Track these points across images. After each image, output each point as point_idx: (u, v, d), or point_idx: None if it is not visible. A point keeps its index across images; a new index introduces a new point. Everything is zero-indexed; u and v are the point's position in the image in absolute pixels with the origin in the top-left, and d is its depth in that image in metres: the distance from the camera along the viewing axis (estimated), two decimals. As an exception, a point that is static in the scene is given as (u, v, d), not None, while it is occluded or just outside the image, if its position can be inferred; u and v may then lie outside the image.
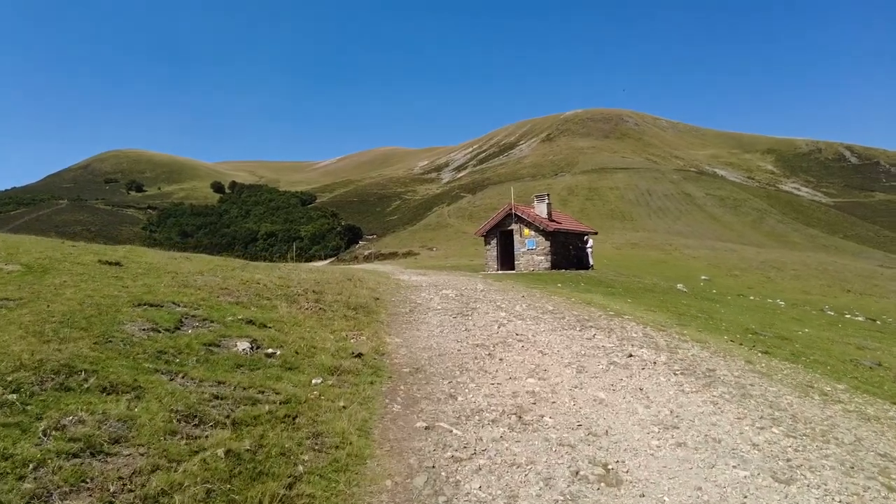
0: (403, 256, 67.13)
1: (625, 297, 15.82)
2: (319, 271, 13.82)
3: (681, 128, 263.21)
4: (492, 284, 14.80)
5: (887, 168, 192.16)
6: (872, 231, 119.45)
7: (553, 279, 19.81)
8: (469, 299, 10.64)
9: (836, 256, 72.89)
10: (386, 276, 17.26)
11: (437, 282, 15.71)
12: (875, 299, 35.01)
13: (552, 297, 12.03)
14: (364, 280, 13.54)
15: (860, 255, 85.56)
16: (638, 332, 8.24)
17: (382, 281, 14.35)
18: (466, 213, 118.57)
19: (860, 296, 36.27)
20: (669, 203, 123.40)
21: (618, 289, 18.76)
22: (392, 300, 10.27)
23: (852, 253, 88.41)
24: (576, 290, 15.03)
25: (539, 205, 26.40)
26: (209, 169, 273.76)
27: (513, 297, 11.25)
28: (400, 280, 15.41)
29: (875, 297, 36.44)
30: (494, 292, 12.52)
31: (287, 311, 7.44)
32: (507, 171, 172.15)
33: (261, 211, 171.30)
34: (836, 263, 55.52)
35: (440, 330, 7.83)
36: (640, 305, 13.75)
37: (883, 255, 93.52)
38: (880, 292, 38.77)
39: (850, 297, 34.80)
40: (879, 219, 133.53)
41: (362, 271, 20.17)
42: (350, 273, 15.68)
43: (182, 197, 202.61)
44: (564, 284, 17.30)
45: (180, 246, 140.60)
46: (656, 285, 22.56)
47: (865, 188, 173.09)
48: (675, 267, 43.17)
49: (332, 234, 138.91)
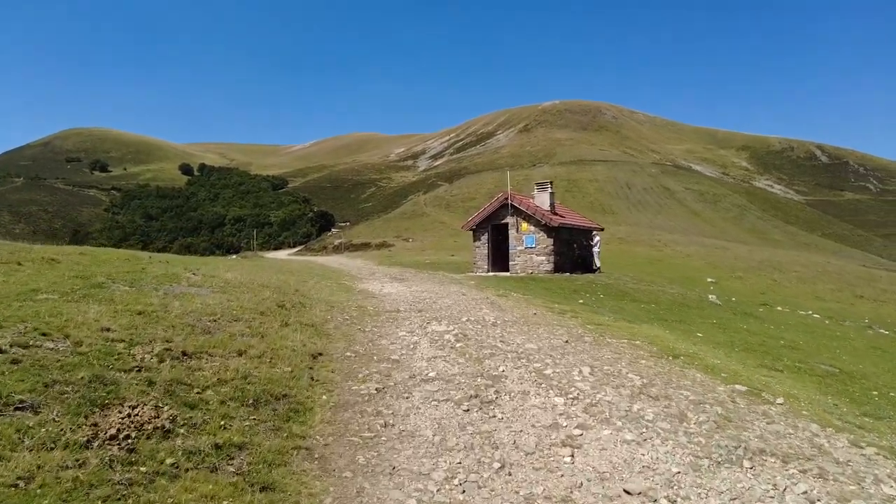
0: (377, 248, 62.20)
1: (676, 323, 11.63)
2: (245, 287, 9.14)
3: (657, 122, 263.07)
4: (500, 306, 10.34)
5: (856, 168, 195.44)
6: (847, 230, 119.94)
7: (568, 289, 15.53)
8: (481, 349, 6.21)
9: (822, 255, 71.18)
10: (348, 287, 12.63)
11: (422, 298, 11.20)
12: (893, 307, 32.05)
13: (607, 338, 7.68)
14: (310, 301, 8.96)
15: (841, 254, 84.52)
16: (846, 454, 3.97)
17: (340, 301, 9.74)
18: (443, 202, 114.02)
19: (875, 302, 33.31)
20: (649, 197, 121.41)
21: (651, 305, 14.62)
22: (347, 355, 5.80)
23: (832, 251, 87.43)
24: (618, 317, 10.73)
25: (540, 194, 22.07)
26: (178, 150, 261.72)
27: (551, 342, 6.85)
28: (367, 298, 10.82)
29: (891, 303, 33.54)
30: (514, 326, 8.08)
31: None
32: (484, 160, 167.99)
33: (230, 195, 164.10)
34: (831, 264, 53.13)
35: (445, 469, 3.57)
36: (710, 341, 9.55)
37: (862, 254, 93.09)
38: (892, 297, 35.98)
39: (869, 305, 31.75)
40: (848, 217, 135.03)
41: (319, 274, 15.46)
42: (293, 285, 11.02)
43: (149, 178, 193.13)
44: (594, 303, 13.01)
45: (144, 230, 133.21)
46: (685, 296, 18.54)
47: (835, 187, 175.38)
48: (673, 267, 39.65)
49: (302, 220, 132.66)
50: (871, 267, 64.05)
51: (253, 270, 13.74)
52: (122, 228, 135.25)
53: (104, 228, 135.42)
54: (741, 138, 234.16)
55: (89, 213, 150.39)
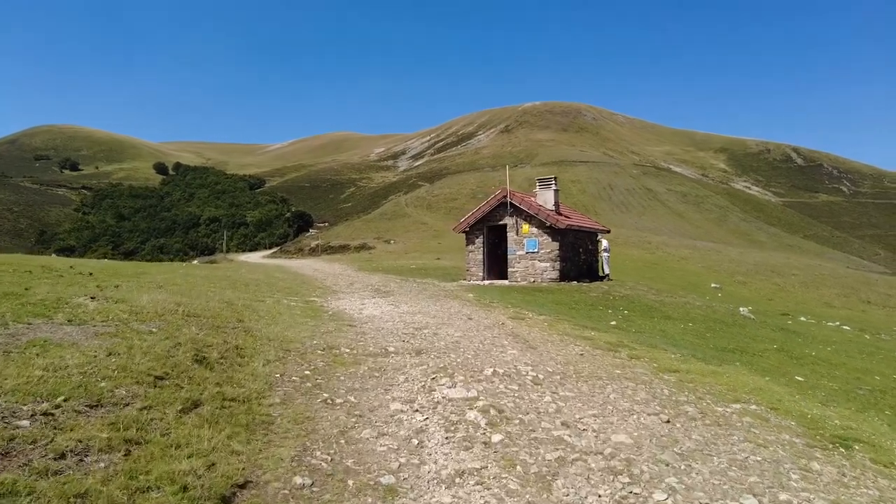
0: (356, 250, 58.86)
1: (739, 354, 8.99)
2: (160, 321, 6.10)
3: (637, 124, 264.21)
4: (526, 339, 7.51)
5: (830, 171, 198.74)
6: (826, 231, 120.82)
7: (585, 304, 12.85)
8: (536, 448, 3.20)
9: (809, 258, 70.33)
10: (318, 309, 9.65)
11: (416, 325, 8.31)
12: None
13: (713, 405, 4.86)
14: (254, 343, 6.00)
15: (826, 256, 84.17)
16: None
17: (302, 338, 6.73)
18: (425, 202, 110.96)
19: (886, 309, 31.54)
20: (632, 198, 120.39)
21: (689, 324, 12.05)
22: (297, 484, 2.92)
23: (816, 253, 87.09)
24: (682, 352, 8.01)
25: (543, 192, 19.35)
26: (153, 149, 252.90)
27: (640, 419, 4.02)
28: (341, 328, 7.86)
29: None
30: (566, 384, 5.23)
31: None
32: (465, 160, 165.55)
33: (205, 194, 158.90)
34: (824, 267, 51.81)
35: None
36: (833, 392, 6.89)
37: (843, 255, 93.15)
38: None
39: (882, 312, 29.91)
40: (823, 219, 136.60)
41: (285, 288, 12.41)
42: (241, 309, 8.03)
43: (121, 177, 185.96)
44: (627, 326, 10.33)
45: (115, 230, 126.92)
46: (714, 310, 16.03)
47: (810, 189, 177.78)
48: (672, 271, 37.46)
49: (279, 220, 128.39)
50: (861, 269, 63.28)
51: (195, 286, 10.69)
52: (92, 229, 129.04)
53: (73, 229, 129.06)
54: (719, 140, 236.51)
55: (58, 213, 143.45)
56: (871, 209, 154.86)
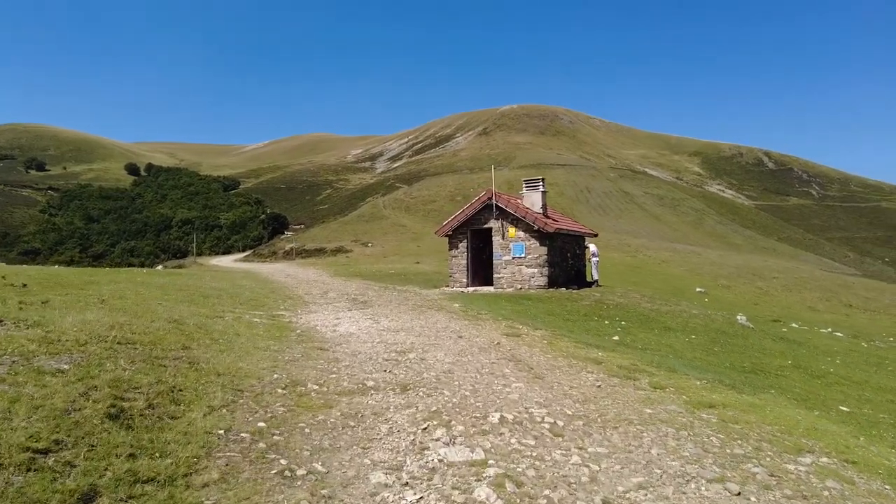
0: (332, 253, 57.17)
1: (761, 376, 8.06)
2: (82, 353, 4.77)
3: (612, 128, 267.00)
4: (529, 364, 6.39)
5: (800, 174, 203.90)
6: (799, 234, 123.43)
7: (579, 314, 11.88)
8: None
9: (785, 260, 71.28)
10: (285, 326, 8.38)
11: (400, 347, 7.12)
12: (887, 318, 30.23)
13: (781, 461, 3.87)
14: (198, 382, 4.69)
15: (800, 258, 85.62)
16: None
17: (259, 372, 5.45)
18: (403, 204, 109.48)
19: (868, 312, 31.49)
20: (609, 201, 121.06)
21: (692, 337, 11.13)
22: None
23: (791, 255, 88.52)
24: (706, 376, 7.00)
25: (530, 194, 18.36)
26: (124, 149, 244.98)
27: (701, 491, 3.09)
28: (310, 353, 6.61)
29: (881, 313, 31.83)
30: (593, 433, 4.11)
31: None
32: (444, 162, 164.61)
33: (178, 196, 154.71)
34: (801, 269, 52.26)
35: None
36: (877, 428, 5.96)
37: (816, 257, 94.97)
38: (879, 307, 34.42)
39: (865, 316, 29.79)
40: (795, 221, 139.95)
41: (250, 299, 11.07)
42: (191, 332, 6.74)
43: (91, 178, 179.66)
44: (630, 340, 9.33)
45: (83, 232, 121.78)
46: (712, 318, 15.23)
47: (781, 192, 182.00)
48: (655, 275, 36.96)
49: (254, 222, 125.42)
50: (835, 272, 64.25)
51: (145, 301, 9.31)
52: (59, 231, 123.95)
53: (38, 231, 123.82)
54: (693, 144, 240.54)
55: (22, 215, 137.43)
56: (838, 212, 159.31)
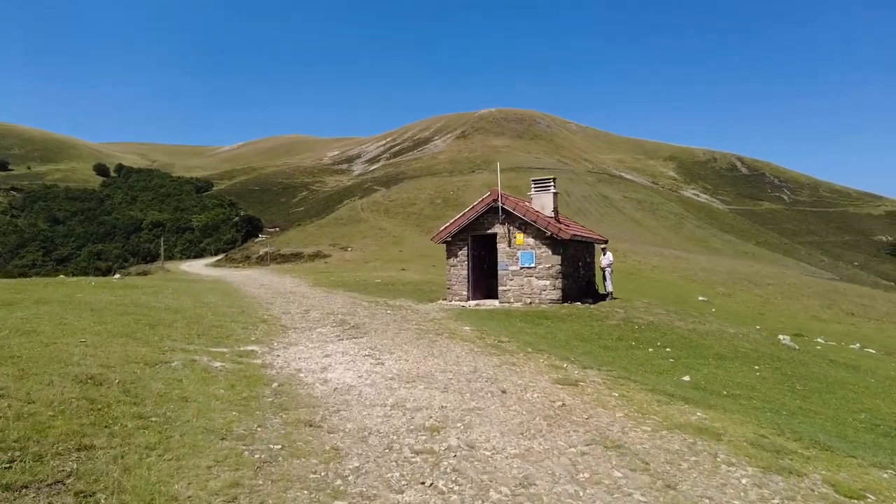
0: (310, 259, 54.27)
1: None
2: None
3: (589, 132, 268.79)
4: (632, 466, 4.24)
5: (772, 179, 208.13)
6: (775, 238, 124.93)
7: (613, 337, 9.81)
8: None
9: (767, 265, 71.07)
10: (254, 377, 5.96)
11: (428, 423, 4.86)
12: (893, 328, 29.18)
13: None
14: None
15: (779, 263, 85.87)
16: None
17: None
18: (382, 207, 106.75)
19: (872, 321, 30.44)
20: (589, 205, 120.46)
21: (755, 367, 9.04)
22: None
23: (770, 260, 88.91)
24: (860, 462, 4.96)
25: (540, 196, 16.31)
26: (94, 149, 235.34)
27: None
28: (289, 427, 4.30)
29: (885, 322, 30.81)
30: None
31: None
32: (422, 165, 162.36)
33: (149, 197, 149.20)
34: (788, 275, 51.63)
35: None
36: None
37: (795, 262, 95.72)
38: (878, 315, 33.50)
39: (872, 326, 28.63)
40: (768, 226, 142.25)
41: (212, 324, 8.60)
42: (114, 394, 4.31)
43: (58, 179, 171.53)
44: (699, 380, 7.27)
45: (47, 235, 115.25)
46: (752, 339, 13.30)
47: (754, 197, 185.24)
48: (652, 281, 35.37)
49: (227, 225, 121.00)
50: (815, 276, 64.11)
51: (67, 332, 6.82)
52: (21, 233, 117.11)
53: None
54: (668, 149, 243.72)
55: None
56: (809, 217, 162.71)
